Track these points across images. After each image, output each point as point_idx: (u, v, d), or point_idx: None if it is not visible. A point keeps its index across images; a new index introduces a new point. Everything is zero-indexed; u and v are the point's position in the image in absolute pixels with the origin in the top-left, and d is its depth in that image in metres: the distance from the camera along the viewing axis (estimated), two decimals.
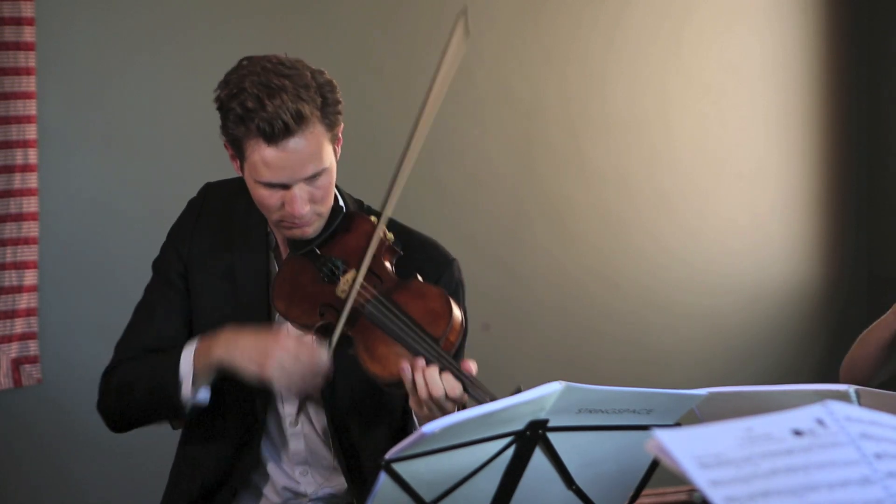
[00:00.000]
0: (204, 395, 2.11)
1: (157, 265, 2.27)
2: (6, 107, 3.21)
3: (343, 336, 2.05)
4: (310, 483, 2.22)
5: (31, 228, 3.27)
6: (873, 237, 4.41)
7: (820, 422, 1.26)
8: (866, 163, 4.42)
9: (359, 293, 2.04)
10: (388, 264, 2.10)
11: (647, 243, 4.16)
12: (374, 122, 3.65)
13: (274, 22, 3.55)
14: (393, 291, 2.06)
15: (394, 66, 3.77)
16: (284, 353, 2.00)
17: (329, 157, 2.05)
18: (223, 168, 3.46)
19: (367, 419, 2.19)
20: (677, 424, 1.79)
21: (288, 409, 2.20)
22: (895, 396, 1.81)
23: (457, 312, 2.02)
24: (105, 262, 3.38)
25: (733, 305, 4.27)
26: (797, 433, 1.24)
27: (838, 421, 1.26)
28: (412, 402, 1.96)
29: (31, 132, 3.25)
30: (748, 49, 4.28)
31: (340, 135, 2.12)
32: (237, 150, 2.07)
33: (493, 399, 1.86)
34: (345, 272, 2.08)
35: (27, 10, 3.21)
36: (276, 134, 1.97)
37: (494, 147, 3.94)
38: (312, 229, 2.09)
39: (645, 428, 1.74)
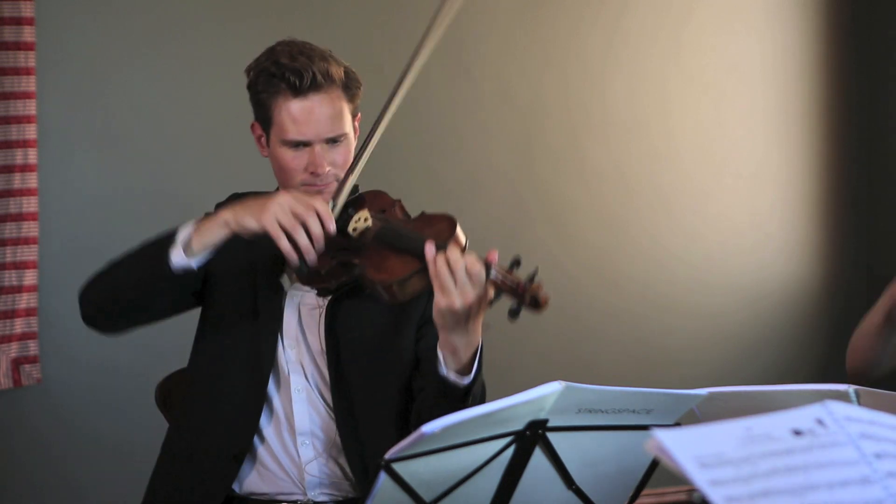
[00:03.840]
0: (196, 261, 2.08)
1: None
2: (6, 106, 3.21)
3: (350, 268, 2.08)
4: (309, 455, 2.19)
5: (31, 228, 3.27)
6: (873, 237, 4.41)
7: (820, 422, 1.26)
8: (866, 163, 4.41)
9: (369, 224, 2.11)
10: (397, 211, 2.20)
11: (647, 243, 4.16)
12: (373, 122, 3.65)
13: (274, 22, 3.55)
14: (401, 220, 2.15)
15: (394, 66, 3.77)
16: (287, 196, 2.04)
17: (349, 126, 2.19)
18: (223, 167, 3.48)
19: (371, 393, 2.19)
20: (677, 424, 1.79)
21: (294, 379, 2.19)
22: (895, 396, 1.81)
23: (461, 233, 2.05)
24: (105, 261, 3.38)
25: (733, 305, 4.26)
26: (797, 433, 1.24)
27: (838, 421, 1.26)
28: (436, 296, 1.95)
29: (30, 132, 3.25)
30: (748, 49, 4.27)
31: (357, 124, 2.23)
32: (264, 119, 2.17)
33: (515, 281, 1.94)
34: (355, 213, 2.14)
35: (27, 10, 3.21)
36: (304, 86, 2.11)
37: (494, 147, 3.94)
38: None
39: (645, 428, 1.74)
